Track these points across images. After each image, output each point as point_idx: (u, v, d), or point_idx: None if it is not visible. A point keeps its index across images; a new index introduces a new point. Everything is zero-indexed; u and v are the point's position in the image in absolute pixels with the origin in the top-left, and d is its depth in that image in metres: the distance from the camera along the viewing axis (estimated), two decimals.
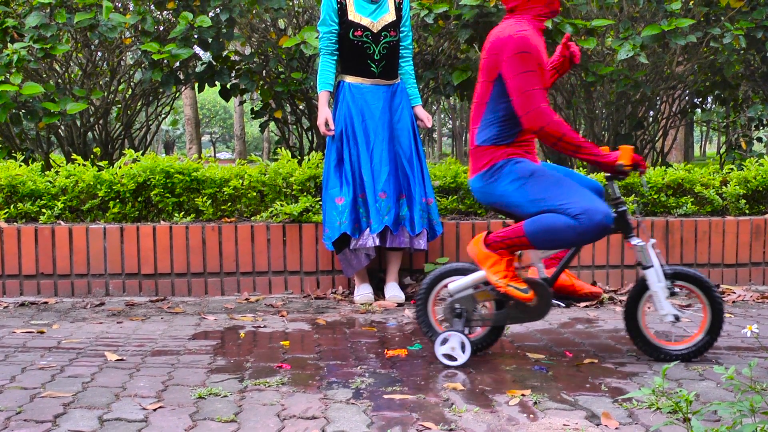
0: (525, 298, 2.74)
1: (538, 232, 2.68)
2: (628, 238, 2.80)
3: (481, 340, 2.97)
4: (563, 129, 2.68)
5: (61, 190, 4.27)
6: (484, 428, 2.16)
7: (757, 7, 5.08)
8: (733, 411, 1.76)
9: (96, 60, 5.43)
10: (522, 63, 2.69)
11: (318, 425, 2.17)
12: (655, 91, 5.47)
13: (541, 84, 2.71)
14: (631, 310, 2.86)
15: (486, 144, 2.80)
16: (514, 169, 2.76)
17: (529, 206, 2.71)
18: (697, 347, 2.85)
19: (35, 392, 2.47)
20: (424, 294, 2.96)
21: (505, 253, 2.79)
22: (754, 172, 4.60)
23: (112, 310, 3.81)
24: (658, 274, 2.77)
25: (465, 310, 2.85)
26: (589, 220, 2.61)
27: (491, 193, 2.80)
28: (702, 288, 2.82)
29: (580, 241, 2.66)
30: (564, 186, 2.69)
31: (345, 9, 3.89)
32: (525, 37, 2.70)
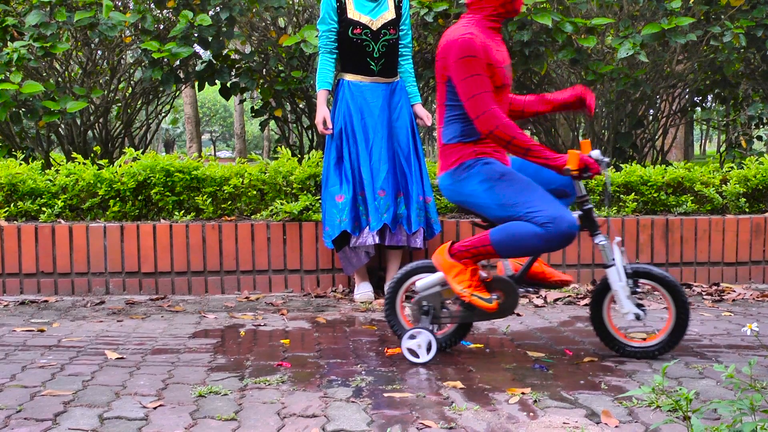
0: (489, 308, 2.75)
1: (504, 241, 2.69)
2: (594, 236, 2.81)
3: (449, 337, 2.98)
4: (513, 132, 2.68)
5: (62, 188, 4.27)
6: (484, 426, 2.16)
7: (757, 6, 5.08)
8: (733, 409, 1.77)
9: (96, 58, 5.43)
10: (467, 67, 2.70)
11: (318, 423, 2.18)
12: (655, 90, 5.47)
13: (490, 86, 2.72)
14: (596, 307, 2.89)
15: (453, 142, 2.82)
16: (483, 170, 2.77)
17: (497, 210, 2.73)
18: (663, 344, 2.86)
19: (35, 391, 2.47)
20: (392, 291, 2.98)
21: (470, 263, 2.80)
22: (754, 171, 4.60)
23: (113, 308, 3.81)
24: (620, 272, 2.78)
25: (432, 308, 2.87)
26: (556, 228, 2.62)
27: (459, 191, 2.82)
28: (666, 286, 2.83)
29: (546, 248, 2.67)
30: (531, 192, 2.70)
31: (344, 7, 3.89)
32: (468, 41, 2.70)
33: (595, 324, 2.90)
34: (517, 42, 4.81)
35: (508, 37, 4.79)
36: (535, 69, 5.17)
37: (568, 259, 4.27)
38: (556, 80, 5.72)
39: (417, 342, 2.80)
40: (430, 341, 2.80)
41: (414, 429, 2.14)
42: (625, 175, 4.51)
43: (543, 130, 6.05)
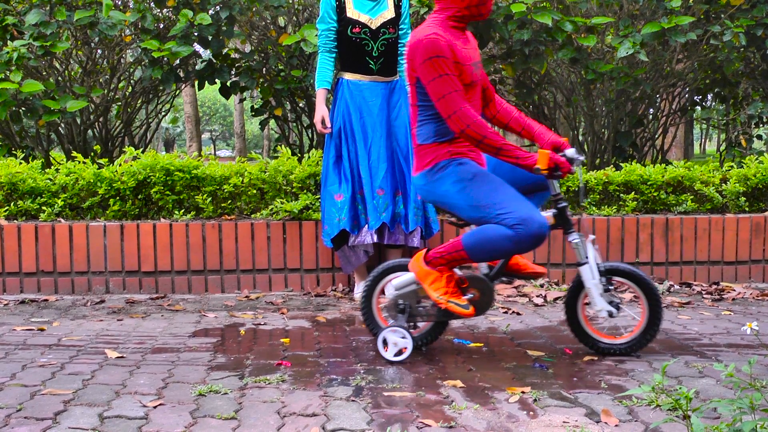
0: (466, 314, 2.77)
1: (476, 245, 2.71)
2: (568, 234, 2.83)
3: (426, 335, 2.99)
4: (484, 131, 2.69)
5: (62, 187, 4.27)
6: (484, 425, 2.17)
7: (757, 5, 5.08)
8: (732, 408, 1.77)
9: (96, 58, 5.43)
10: (434, 68, 2.70)
11: (318, 422, 2.18)
12: (655, 89, 5.47)
13: (459, 85, 2.72)
14: (571, 305, 2.92)
15: (428, 142, 2.83)
16: (456, 170, 2.78)
17: (470, 211, 2.74)
18: (637, 342, 2.88)
19: (35, 390, 2.47)
20: (368, 290, 2.99)
21: (445, 270, 2.82)
22: (753, 170, 4.60)
23: (113, 307, 3.81)
24: (593, 270, 2.80)
25: (408, 306, 2.89)
26: (526, 230, 2.63)
27: (433, 191, 2.83)
28: (639, 284, 2.85)
29: (518, 250, 2.68)
30: (503, 194, 2.71)
31: (343, 6, 3.89)
32: (434, 41, 2.71)
33: (569, 321, 2.93)
34: (517, 41, 4.81)
35: (508, 36, 4.79)
36: (535, 68, 5.17)
37: (568, 259, 4.27)
38: (556, 79, 5.72)
39: (392, 341, 2.82)
40: (406, 346, 2.82)
41: (414, 428, 2.14)
42: (625, 174, 4.51)
43: None
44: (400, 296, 2.90)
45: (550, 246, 4.25)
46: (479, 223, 2.74)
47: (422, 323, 3.00)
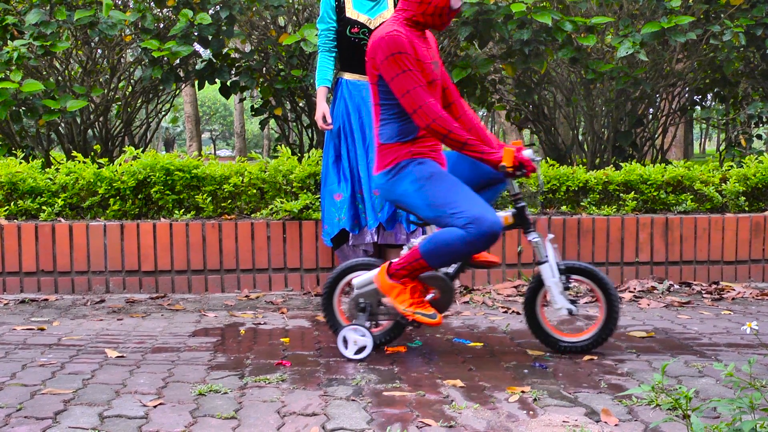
0: (433, 323, 2.79)
1: (432, 251, 2.73)
2: (527, 233, 2.85)
3: (386, 334, 3.01)
4: (450, 126, 2.71)
5: (62, 187, 4.27)
6: (483, 425, 2.17)
7: (757, 5, 5.08)
8: (732, 408, 1.77)
9: (96, 57, 5.43)
10: (396, 64, 2.72)
11: (318, 422, 2.18)
12: (654, 89, 5.47)
13: (422, 81, 2.73)
14: (529, 303, 2.94)
15: (390, 142, 2.84)
16: (415, 170, 2.79)
17: (427, 210, 2.76)
18: (595, 339, 2.91)
19: (36, 389, 2.47)
20: (329, 288, 3.01)
21: (408, 281, 2.84)
22: (753, 170, 4.60)
23: (113, 307, 3.81)
24: (552, 269, 2.83)
25: (369, 305, 2.91)
26: (477, 229, 2.65)
27: (393, 191, 2.84)
28: (597, 282, 2.88)
29: (473, 250, 2.70)
30: (457, 193, 2.73)
31: (343, 6, 3.89)
32: (395, 37, 2.72)
33: (528, 320, 2.96)
34: (517, 41, 4.81)
35: (508, 36, 4.79)
36: (535, 68, 5.17)
37: (567, 258, 4.27)
38: (556, 79, 5.73)
39: (353, 339, 2.84)
40: (366, 345, 2.85)
41: (414, 427, 2.14)
42: (624, 173, 4.51)
43: (543, 128, 6.05)
44: (360, 295, 2.93)
45: None
46: (436, 222, 2.77)
47: (383, 321, 3.02)
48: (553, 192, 4.51)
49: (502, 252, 4.24)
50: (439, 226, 2.78)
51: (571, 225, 4.27)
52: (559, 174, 4.49)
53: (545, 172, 4.49)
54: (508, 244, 4.24)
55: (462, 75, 4.90)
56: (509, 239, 4.24)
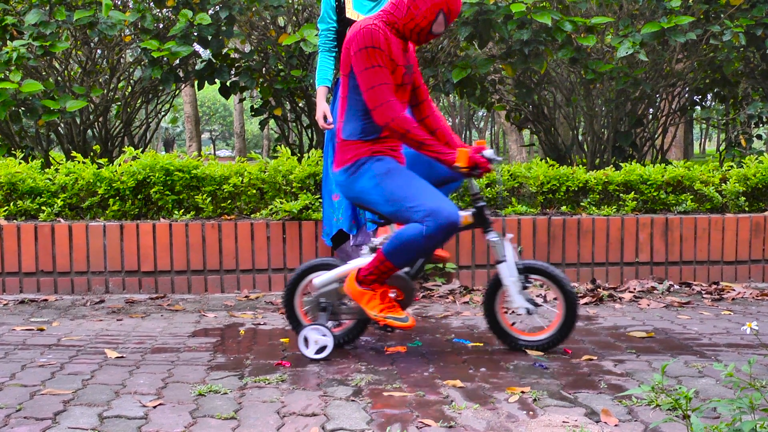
0: (405, 327, 2.80)
1: (395, 250, 2.74)
2: (486, 232, 2.88)
3: (348, 333, 3.02)
4: (408, 126, 2.72)
5: (61, 187, 4.27)
6: (483, 425, 2.17)
7: (757, 5, 5.08)
8: (732, 408, 1.77)
9: (95, 57, 5.43)
10: (368, 58, 2.72)
11: (318, 422, 2.18)
12: (654, 89, 5.47)
13: (390, 79, 2.75)
14: (489, 302, 2.97)
15: (352, 139, 2.85)
16: (373, 166, 2.81)
17: (385, 205, 2.78)
18: (553, 338, 2.94)
19: (35, 390, 2.47)
20: (290, 288, 3.02)
21: (377, 286, 2.85)
22: (753, 170, 4.60)
23: (112, 307, 3.81)
24: (510, 268, 2.86)
25: (330, 304, 2.92)
26: (435, 222, 2.67)
27: (352, 188, 2.86)
28: (555, 282, 2.90)
29: (433, 244, 2.72)
30: (414, 187, 2.74)
31: (343, 6, 3.88)
32: (372, 31, 2.73)
33: (487, 318, 2.98)
34: (517, 41, 4.81)
35: (508, 36, 4.79)
36: (534, 68, 5.17)
37: (567, 258, 4.27)
38: (556, 79, 5.73)
39: (313, 338, 2.85)
40: (327, 344, 2.85)
41: (414, 428, 2.14)
42: (624, 173, 4.51)
43: (543, 128, 6.05)
44: (321, 295, 2.94)
45: (550, 245, 4.25)
46: (395, 217, 2.79)
47: (345, 321, 3.03)
48: (553, 192, 4.51)
49: None
50: (399, 222, 2.81)
51: (571, 225, 4.27)
52: (559, 174, 4.49)
53: (545, 173, 4.49)
54: None
55: (462, 75, 4.90)
56: None
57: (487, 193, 4.41)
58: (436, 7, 2.76)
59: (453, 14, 2.80)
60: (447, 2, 2.77)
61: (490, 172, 2.83)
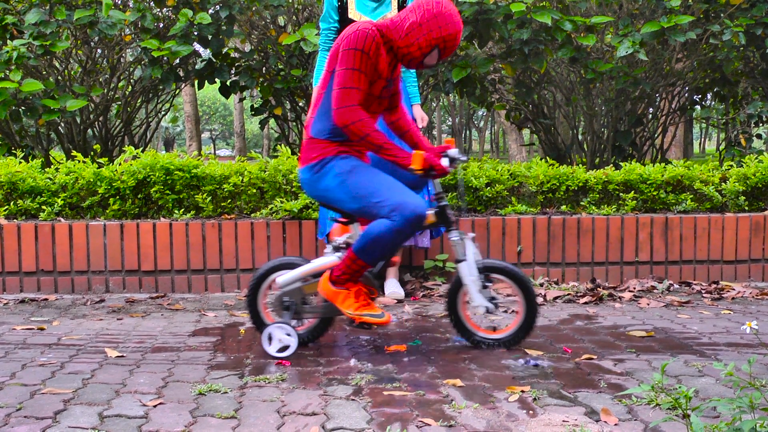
0: (381, 322, 2.82)
1: (365, 247, 2.76)
2: (448, 232, 2.90)
3: (312, 332, 3.04)
4: (369, 129, 2.74)
5: (61, 187, 4.27)
6: (483, 424, 2.17)
7: (757, 4, 5.09)
8: (732, 407, 1.77)
9: (96, 57, 5.43)
10: (353, 59, 2.74)
11: (318, 421, 2.18)
12: (654, 88, 5.47)
13: (364, 86, 2.76)
14: (451, 300, 3.00)
15: (320, 137, 2.86)
16: (337, 164, 2.82)
17: (351, 202, 2.80)
18: (514, 336, 2.97)
19: (35, 389, 2.47)
20: (253, 287, 3.03)
21: (351, 285, 2.87)
22: (753, 169, 4.60)
23: (112, 306, 3.81)
24: (470, 268, 2.88)
25: (294, 303, 2.94)
26: (401, 216, 2.69)
27: (316, 186, 2.87)
28: (515, 280, 2.93)
29: (402, 237, 2.74)
30: (379, 182, 2.77)
31: (345, 7, 3.88)
32: (368, 37, 2.75)
33: (451, 317, 3.01)
34: (517, 40, 4.81)
35: (508, 36, 4.79)
36: (534, 67, 5.17)
37: (567, 257, 4.27)
38: (556, 78, 5.73)
39: (277, 337, 2.86)
40: (291, 343, 2.87)
41: (414, 427, 2.14)
42: (624, 173, 4.52)
43: (542, 128, 6.05)
44: (285, 293, 2.95)
45: (550, 245, 4.26)
46: (361, 213, 2.80)
47: (308, 320, 3.05)
48: (553, 191, 4.51)
49: (502, 251, 4.24)
50: (366, 218, 2.82)
51: (571, 224, 4.27)
52: (559, 173, 4.49)
53: (545, 172, 4.49)
54: (508, 244, 4.25)
55: (462, 74, 4.90)
56: (509, 239, 4.24)
57: (487, 192, 4.41)
58: (433, 42, 2.79)
59: (448, 51, 2.84)
60: (444, 39, 2.80)
61: (447, 175, 2.85)
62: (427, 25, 2.77)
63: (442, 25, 2.77)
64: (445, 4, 2.81)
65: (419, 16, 2.78)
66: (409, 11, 2.81)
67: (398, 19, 2.82)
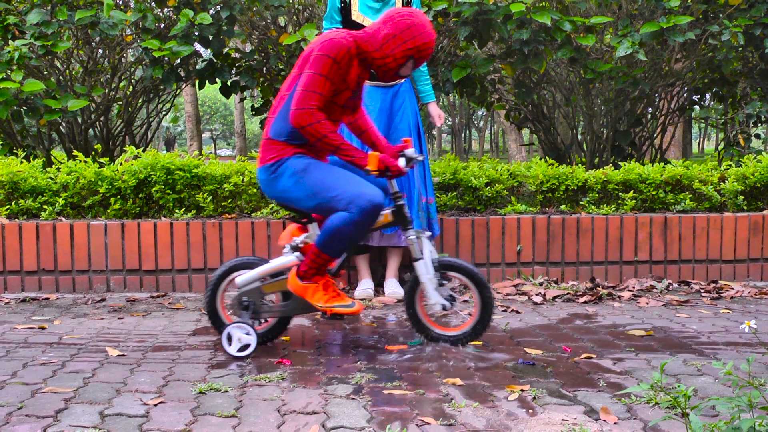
0: (353, 312, 2.86)
1: (327, 241, 2.79)
2: (405, 230, 2.94)
3: (269, 332, 3.06)
4: (326, 131, 2.77)
5: (63, 186, 4.28)
6: (483, 423, 2.18)
7: (756, 5, 5.10)
8: (731, 406, 1.78)
9: (97, 57, 5.44)
10: (322, 65, 2.77)
11: (318, 420, 2.19)
12: (653, 88, 5.48)
13: (327, 93, 2.79)
14: (409, 298, 3.04)
15: (278, 139, 2.89)
16: (292, 163, 2.85)
17: (309, 200, 2.83)
18: (468, 334, 3.02)
19: (36, 388, 2.48)
20: (212, 288, 3.04)
21: (319, 279, 2.90)
22: (752, 169, 4.61)
23: (113, 305, 3.82)
24: (427, 266, 2.92)
25: (252, 303, 2.96)
26: (358, 207, 2.73)
27: (274, 187, 2.90)
28: (471, 278, 2.97)
29: (362, 229, 2.77)
30: (334, 177, 2.80)
31: (349, 8, 3.88)
32: (342, 47, 2.78)
33: (409, 314, 3.05)
34: (517, 40, 4.82)
35: (507, 36, 4.80)
36: (534, 67, 5.19)
37: (567, 257, 4.29)
38: (555, 79, 5.74)
39: (237, 337, 2.88)
40: (250, 342, 2.88)
41: (414, 426, 2.15)
42: (623, 173, 4.53)
43: (542, 128, 6.06)
44: (244, 293, 2.97)
45: (549, 244, 4.27)
46: (319, 210, 2.83)
47: (267, 319, 3.07)
48: (553, 191, 4.52)
49: (501, 251, 4.25)
50: (324, 215, 2.85)
51: (570, 224, 4.28)
52: (559, 173, 4.50)
53: (545, 172, 4.51)
54: (508, 244, 4.26)
55: (462, 74, 4.91)
56: (508, 238, 4.25)
57: (487, 192, 4.43)
58: (408, 52, 2.84)
59: (422, 60, 2.89)
60: (419, 48, 2.85)
61: (403, 175, 2.89)
62: (401, 36, 2.82)
63: (416, 35, 2.82)
64: (416, 14, 2.86)
65: (393, 28, 2.82)
66: (381, 24, 2.85)
67: (372, 32, 2.86)
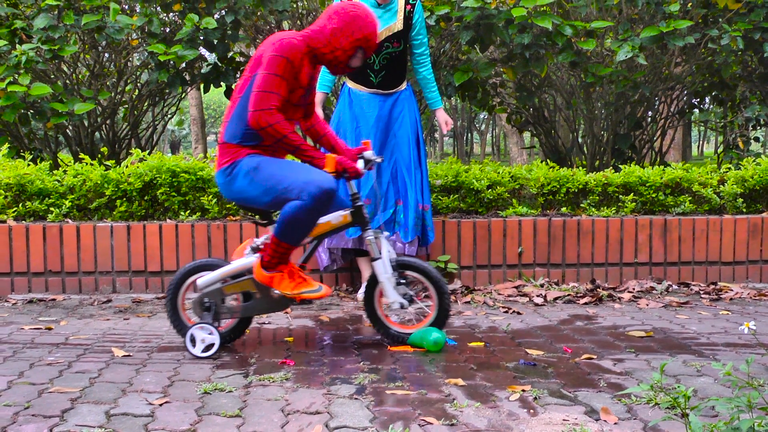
0: (320, 296, 2.91)
1: (283, 230, 2.83)
2: (364, 231, 2.99)
3: (231, 332, 3.09)
4: (285, 131, 2.81)
5: (69, 188, 4.31)
6: (484, 423, 2.20)
7: (755, 9, 5.12)
8: (730, 406, 1.79)
9: (103, 61, 5.48)
10: (276, 65, 2.80)
11: (321, 420, 2.21)
12: (653, 92, 5.50)
13: (284, 92, 2.83)
14: (368, 297, 3.10)
15: (233, 142, 2.92)
16: (245, 163, 2.88)
17: (264, 197, 2.86)
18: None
19: (43, 388, 2.50)
20: (173, 290, 3.07)
21: (283, 267, 2.93)
22: (751, 172, 4.63)
23: (119, 306, 3.85)
24: (385, 265, 2.97)
25: (214, 304, 2.99)
26: (309, 195, 2.76)
27: (231, 189, 2.93)
28: (428, 277, 3.03)
29: (315, 214, 2.81)
30: (284, 168, 2.84)
31: None
32: (295, 45, 2.83)
33: (368, 312, 3.11)
34: (518, 45, 4.85)
35: (509, 40, 4.83)
36: (535, 71, 5.21)
37: (567, 259, 4.31)
38: (556, 82, 5.76)
39: (200, 338, 2.91)
40: (214, 342, 2.92)
41: (416, 426, 2.17)
42: (624, 175, 4.55)
43: (543, 131, 6.09)
44: (205, 295, 3.00)
45: (550, 246, 4.29)
46: (275, 205, 2.87)
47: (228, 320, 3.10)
48: (554, 194, 4.55)
49: (503, 253, 4.28)
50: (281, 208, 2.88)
51: (571, 226, 4.31)
52: (559, 176, 4.52)
53: (546, 174, 4.53)
54: (509, 246, 4.28)
55: (464, 78, 4.94)
56: (510, 240, 4.28)
57: (488, 194, 4.45)
58: (356, 44, 2.90)
59: (370, 50, 2.95)
60: (366, 38, 2.91)
61: (361, 176, 2.93)
62: (348, 27, 2.87)
63: (362, 25, 2.89)
64: (358, 5, 2.91)
65: (339, 22, 2.88)
66: (326, 19, 2.91)
67: (317, 28, 2.91)
